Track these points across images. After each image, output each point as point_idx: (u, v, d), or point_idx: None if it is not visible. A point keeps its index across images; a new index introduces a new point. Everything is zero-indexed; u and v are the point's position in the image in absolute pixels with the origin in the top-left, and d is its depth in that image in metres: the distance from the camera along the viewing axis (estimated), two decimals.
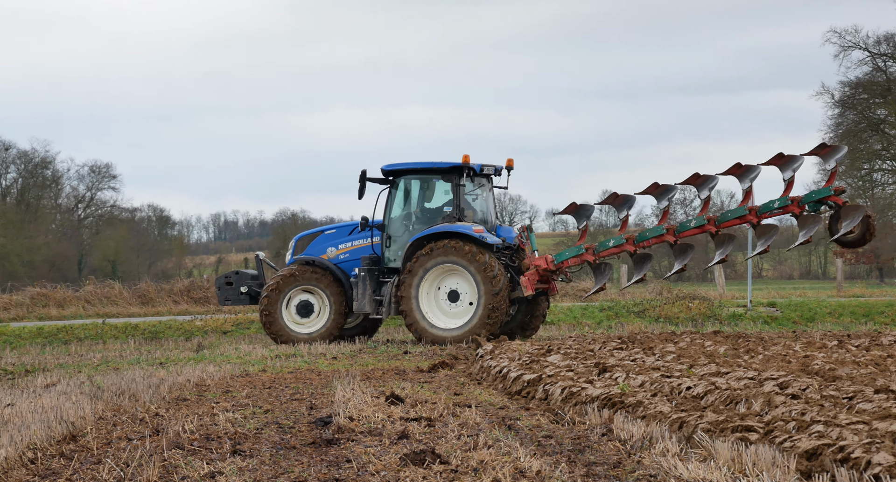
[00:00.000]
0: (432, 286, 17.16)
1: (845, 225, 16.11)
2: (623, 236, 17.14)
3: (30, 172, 56.36)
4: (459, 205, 17.42)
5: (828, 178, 16.74)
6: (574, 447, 7.04)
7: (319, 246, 18.16)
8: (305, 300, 17.77)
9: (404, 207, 17.82)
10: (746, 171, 16.51)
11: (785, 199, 16.44)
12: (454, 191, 17.47)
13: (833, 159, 16.52)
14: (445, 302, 17.21)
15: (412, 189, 17.79)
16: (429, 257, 17.00)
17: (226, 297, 18.56)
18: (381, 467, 6.37)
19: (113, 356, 16.50)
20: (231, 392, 10.60)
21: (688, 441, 6.86)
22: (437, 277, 17.17)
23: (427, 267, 17.02)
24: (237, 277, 18.57)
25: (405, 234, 17.68)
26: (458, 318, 17.14)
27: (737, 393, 8.06)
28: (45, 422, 7.94)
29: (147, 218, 64.37)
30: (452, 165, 17.37)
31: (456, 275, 17.16)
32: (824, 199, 16.33)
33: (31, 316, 26.56)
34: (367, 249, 17.85)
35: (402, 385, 10.79)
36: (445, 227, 17.15)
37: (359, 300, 17.38)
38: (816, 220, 16.57)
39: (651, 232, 16.98)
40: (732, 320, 21.43)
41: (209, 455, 6.92)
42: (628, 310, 22.77)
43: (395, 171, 17.57)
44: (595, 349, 13.20)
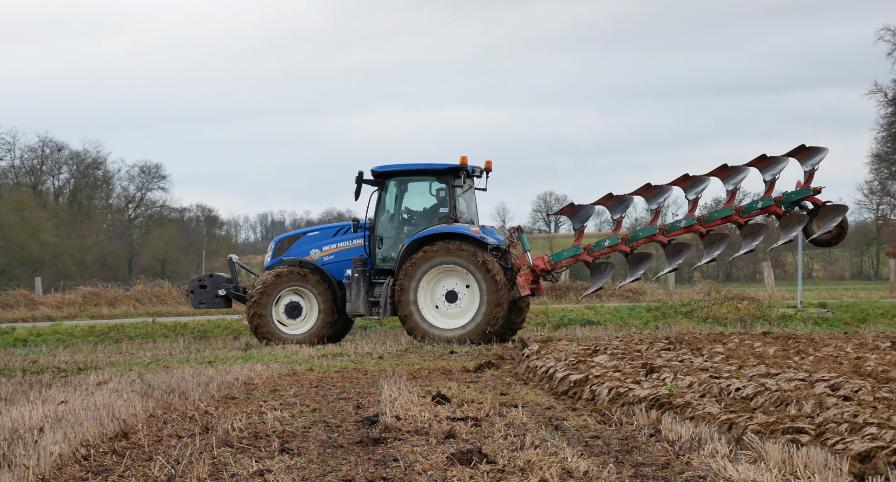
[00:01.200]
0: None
1: (823, 225, 16.79)
2: (618, 236, 17.58)
3: (82, 173, 57.22)
4: (455, 206, 17.49)
5: (806, 179, 17.14)
6: (622, 448, 7.00)
7: (302, 247, 18.11)
8: (294, 301, 17.71)
9: (396, 209, 17.85)
10: (732, 172, 17.10)
11: (767, 199, 17.06)
12: (450, 192, 17.55)
13: (810, 162, 17.01)
14: (443, 302, 17.29)
15: (404, 190, 17.84)
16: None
17: (200, 301, 18.40)
18: (428, 466, 6.38)
19: (163, 354, 16.71)
20: (279, 391, 10.67)
21: (737, 442, 6.80)
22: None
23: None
24: (211, 280, 18.42)
25: (398, 235, 17.73)
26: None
27: (787, 394, 7.97)
28: (97, 419, 8.05)
29: (196, 218, 65.09)
30: (449, 166, 17.45)
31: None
32: (804, 199, 16.99)
33: (84, 314, 26.98)
34: (352, 251, 17.82)
35: (448, 384, 10.80)
36: (443, 227, 17.23)
37: (352, 301, 17.36)
38: (801, 219, 16.90)
39: (643, 232, 17.47)
40: (782, 321, 21.17)
41: (258, 453, 6.98)
42: (676, 311, 22.59)
43: (385, 173, 17.61)
44: (642, 350, 13.12)
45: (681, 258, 17.37)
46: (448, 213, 17.46)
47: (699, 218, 17.33)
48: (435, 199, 17.75)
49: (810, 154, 17.05)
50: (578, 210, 17.75)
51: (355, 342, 17.75)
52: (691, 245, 17.66)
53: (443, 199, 17.64)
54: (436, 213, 17.66)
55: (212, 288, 18.36)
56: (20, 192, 52.12)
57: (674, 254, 17.45)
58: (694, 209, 17.43)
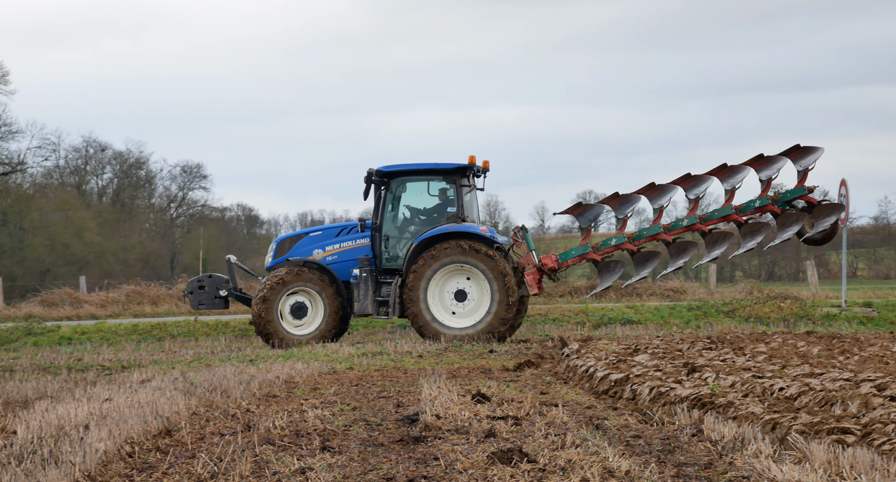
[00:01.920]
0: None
1: (818, 224, 17.16)
2: (624, 235, 17.83)
3: (125, 173, 57.87)
4: (463, 205, 17.50)
5: (800, 179, 17.49)
6: (664, 447, 6.95)
7: (304, 248, 18.04)
8: (300, 301, 17.63)
9: (402, 208, 17.85)
10: (731, 172, 17.43)
11: (764, 198, 17.47)
12: (457, 191, 17.54)
13: (804, 161, 17.32)
14: (452, 301, 17.33)
15: (411, 190, 17.84)
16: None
17: (199, 301, 18.30)
18: (469, 465, 6.38)
19: (205, 353, 16.85)
20: (319, 389, 10.72)
21: (781, 442, 6.73)
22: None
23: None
24: (210, 281, 18.33)
25: (405, 234, 17.72)
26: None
27: (832, 394, 7.87)
28: (141, 416, 8.14)
29: (236, 217, 65.59)
30: (457, 166, 17.46)
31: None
32: (798, 198, 17.43)
33: (127, 313, 27.27)
34: (356, 251, 17.78)
35: (487, 383, 10.79)
36: (453, 227, 17.26)
37: (360, 301, 17.35)
38: (800, 217, 17.18)
39: (648, 231, 17.79)
40: (826, 320, 20.92)
41: (299, 451, 7.02)
42: (717, 310, 22.40)
43: (391, 173, 17.60)
44: (683, 349, 13.02)
45: (686, 256, 17.67)
46: (456, 213, 17.49)
47: (700, 217, 17.71)
48: (441, 199, 17.76)
49: (805, 154, 17.41)
50: (586, 209, 18.01)
51: (395, 341, 17.79)
52: (697, 244, 17.84)
53: (449, 199, 17.66)
54: (442, 212, 17.68)
55: (211, 288, 18.29)
56: (65, 191, 52.84)
57: (678, 253, 17.75)
58: (695, 208, 17.82)
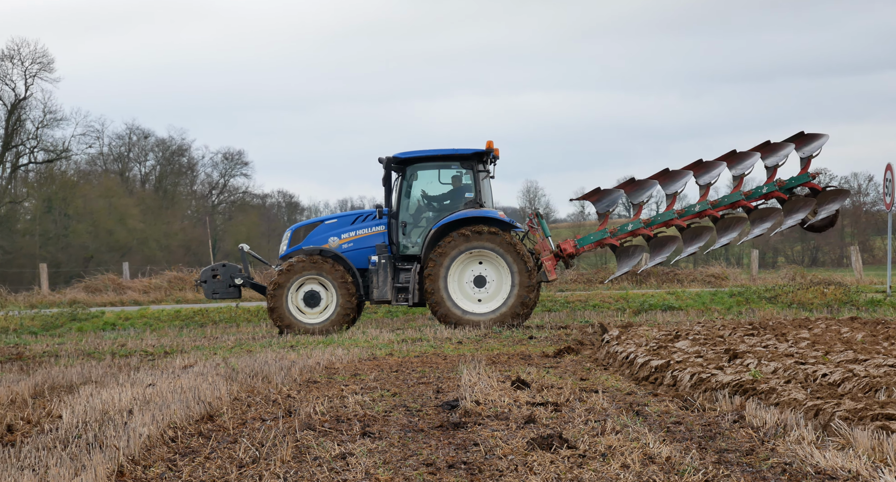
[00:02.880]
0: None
1: (822, 210, 17.34)
2: (640, 220, 17.97)
3: (167, 160, 58.42)
4: (480, 190, 17.44)
5: (803, 166, 17.67)
6: (704, 434, 6.91)
7: (320, 236, 17.98)
8: (312, 290, 17.58)
9: (419, 195, 17.81)
10: (741, 158, 17.59)
11: (771, 184, 17.70)
12: (475, 177, 17.50)
13: (808, 148, 17.49)
14: (471, 287, 17.30)
15: (427, 177, 17.78)
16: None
17: (213, 291, 18.30)
18: (509, 451, 6.38)
19: (246, 339, 16.99)
20: (359, 375, 10.78)
21: (824, 429, 6.66)
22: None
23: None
24: (224, 270, 18.32)
25: (423, 221, 17.68)
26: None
27: (876, 380, 7.78)
28: (183, 402, 8.23)
29: (277, 204, 66.01)
30: (474, 151, 17.39)
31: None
32: (802, 185, 17.65)
33: (169, 299, 27.57)
34: (373, 238, 17.71)
35: (527, 370, 10.78)
36: (472, 212, 17.22)
37: (379, 288, 17.30)
38: (807, 203, 17.20)
39: (662, 216, 17.98)
40: (870, 306, 20.67)
41: (339, 436, 7.06)
42: (759, 296, 22.21)
43: (408, 160, 17.53)
44: (725, 335, 12.93)
45: (701, 241, 17.79)
46: (474, 198, 17.46)
47: (712, 202, 17.88)
48: (457, 185, 17.72)
49: (809, 141, 17.55)
50: (603, 195, 18.04)
51: (435, 327, 17.82)
52: (711, 228, 17.87)
53: (467, 185, 17.61)
54: (459, 198, 17.64)
55: (224, 277, 18.31)
56: (108, 178, 53.45)
57: (692, 238, 17.87)
58: (706, 194, 17.96)
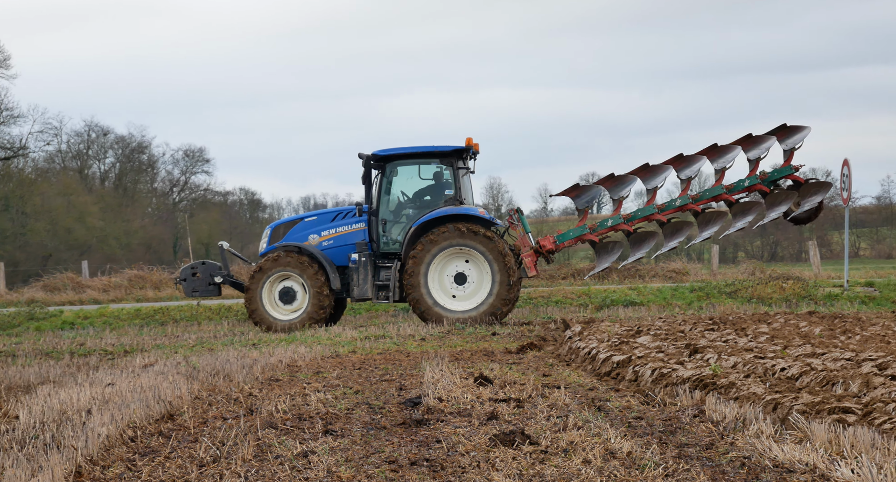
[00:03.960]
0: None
1: (805, 203, 17.52)
2: (620, 216, 17.99)
3: (127, 157, 57.85)
4: (460, 188, 17.47)
5: (786, 158, 17.78)
6: (665, 428, 6.96)
7: (299, 233, 17.96)
8: (288, 287, 17.55)
9: (399, 192, 17.82)
10: (722, 152, 17.66)
11: (753, 177, 17.77)
12: (454, 174, 17.52)
13: (791, 140, 17.59)
14: (451, 284, 17.32)
15: (407, 174, 17.79)
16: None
17: (193, 289, 18.26)
18: (471, 447, 6.39)
19: (207, 337, 16.88)
20: (322, 373, 10.74)
21: (782, 423, 6.73)
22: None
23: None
24: (204, 268, 18.27)
25: (403, 218, 17.69)
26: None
27: (833, 374, 7.88)
28: (143, 401, 8.15)
29: (239, 201, 65.57)
30: (454, 148, 17.42)
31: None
32: (785, 177, 17.76)
33: (129, 297, 27.32)
34: (353, 235, 17.70)
35: (490, 366, 10.80)
36: (453, 209, 17.24)
37: (360, 286, 17.31)
38: (790, 196, 17.42)
39: (642, 211, 17.98)
40: (828, 300, 20.93)
41: (301, 434, 7.03)
42: (720, 291, 22.41)
43: (388, 157, 17.52)
44: (686, 330, 13.03)
45: (681, 236, 17.85)
46: (454, 196, 17.47)
47: (693, 196, 17.94)
48: (438, 182, 17.73)
49: (791, 133, 17.66)
50: (582, 191, 18.07)
51: (397, 324, 17.81)
52: (692, 223, 17.98)
53: (446, 182, 17.62)
54: (439, 195, 17.65)
55: (204, 275, 18.24)
56: (67, 176, 52.82)
57: (673, 233, 17.92)
58: (687, 188, 18.00)
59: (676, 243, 17.77)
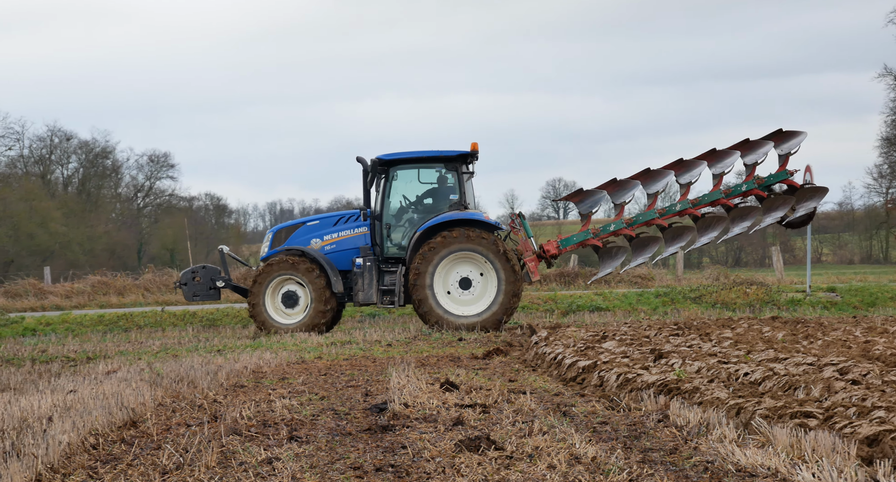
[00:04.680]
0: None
1: (800, 207, 17.63)
2: (622, 220, 18.08)
3: (90, 162, 57.33)
4: (464, 192, 17.48)
5: (781, 163, 17.96)
6: (630, 433, 7.00)
7: (302, 237, 17.89)
8: (291, 290, 17.52)
9: (403, 196, 17.80)
10: (720, 156, 17.79)
11: (750, 182, 17.92)
12: (459, 179, 17.52)
13: (787, 145, 17.74)
14: (457, 289, 17.28)
15: (411, 178, 17.77)
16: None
17: (194, 293, 18.12)
18: (437, 453, 6.39)
19: (172, 343, 16.74)
20: (287, 379, 10.69)
21: (745, 427, 6.79)
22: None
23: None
24: (204, 272, 18.15)
25: (407, 223, 17.66)
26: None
27: (795, 379, 7.95)
28: (106, 408, 8.07)
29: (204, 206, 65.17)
30: (459, 153, 17.41)
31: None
32: (780, 182, 17.90)
33: (93, 304, 27.05)
34: (355, 240, 17.66)
35: (456, 372, 10.80)
36: (459, 214, 17.23)
37: (364, 291, 17.27)
38: (786, 201, 17.59)
39: (644, 216, 18.10)
40: (791, 306, 21.14)
41: (266, 441, 6.99)
42: (684, 296, 22.56)
43: (392, 161, 17.50)
44: (651, 335, 13.11)
45: (682, 241, 17.94)
46: (459, 200, 17.45)
47: (693, 201, 18.02)
48: (441, 186, 17.71)
49: (787, 138, 17.77)
50: (587, 196, 17.99)
51: (364, 330, 17.76)
52: (693, 228, 18.03)
53: (450, 186, 17.60)
54: (443, 199, 17.61)
55: (205, 279, 18.11)
56: (29, 181, 52.24)
57: (673, 238, 18.01)
58: (686, 193, 18.13)
59: (678, 248, 17.89)
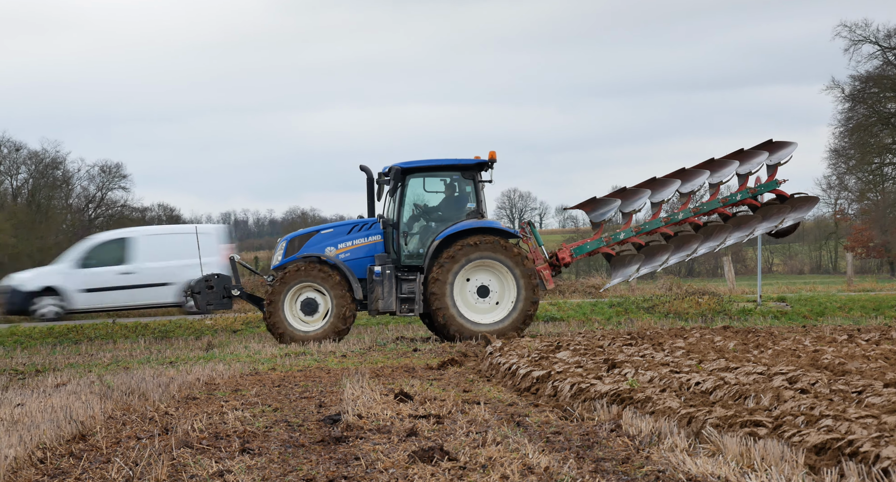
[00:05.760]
0: (461, 282, 17.17)
1: (790, 217, 17.97)
2: (632, 229, 18.29)
3: (40, 173, 56.55)
4: (482, 201, 17.50)
5: (770, 173, 18.29)
6: (583, 443, 7.03)
7: (316, 245, 17.71)
8: (311, 298, 17.41)
9: (420, 204, 17.75)
10: (719, 166, 18.10)
11: (745, 192, 18.25)
12: (476, 187, 17.54)
13: (777, 155, 18.06)
14: (474, 297, 17.22)
15: (428, 186, 17.74)
16: (466, 252, 17.03)
17: (208, 302, 17.86)
18: (390, 464, 6.37)
19: (123, 355, 16.54)
20: (240, 390, 10.61)
21: (696, 436, 6.85)
22: (467, 273, 17.17)
23: (463, 262, 17.04)
24: (218, 281, 17.91)
25: (424, 231, 17.60)
26: (488, 314, 17.21)
27: (746, 388, 8.04)
28: (54, 421, 7.96)
29: (158, 217, 64.54)
30: (478, 161, 17.40)
31: (485, 270, 17.22)
32: (770, 191, 18.16)
33: None
34: (369, 248, 17.57)
35: (411, 382, 10.79)
36: (475, 222, 17.21)
37: (384, 299, 17.15)
38: (782, 210, 17.97)
39: (650, 224, 18.33)
40: (742, 315, 21.38)
41: (218, 453, 6.93)
42: (638, 306, 22.73)
43: (409, 169, 17.46)
44: (604, 345, 13.18)
45: (689, 249, 18.17)
46: (476, 209, 17.47)
47: (694, 210, 18.30)
48: (459, 195, 17.66)
49: (778, 148, 18.08)
50: (598, 205, 18.21)
51: (319, 341, 17.66)
52: (699, 237, 18.26)
53: (468, 194, 17.58)
54: (461, 208, 17.59)
55: (219, 288, 17.83)
56: None
57: (679, 246, 18.23)
58: (688, 202, 18.37)
59: (685, 256, 18.12)
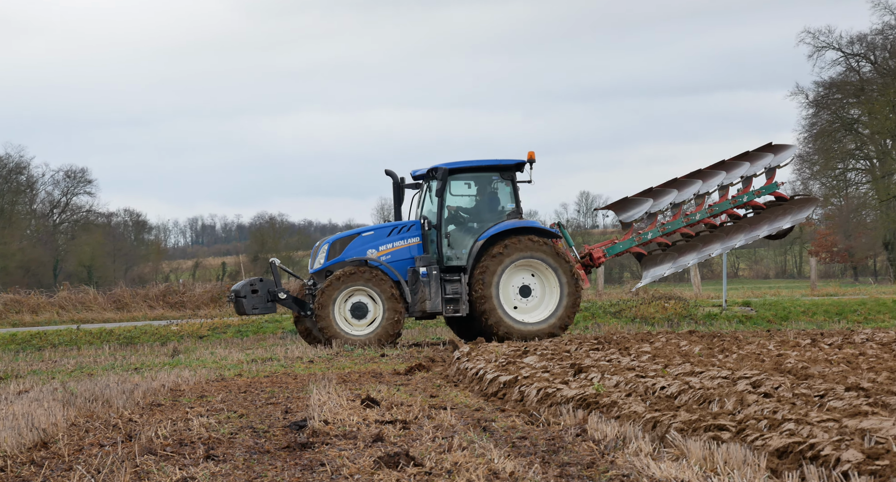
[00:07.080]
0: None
1: (790, 219, 18.42)
2: (658, 229, 18.75)
3: (3, 178, 55.96)
4: (520, 201, 17.58)
5: (769, 176, 18.68)
6: (548, 448, 7.05)
7: (358, 248, 17.68)
8: (360, 302, 17.35)
9: (460, 205, 17.79)
10: (730, 167, 18.48)
11: (750, 193, 18.60)
12: (514, 187, 17.64)
13: (776, 159, 18.45)
14: (517, 297, 17.28)
15: (469, 187, 17.80)
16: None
17: (253, 306, 17.78)
18: (355, 470, 6.36)
19: (87, 362, 16.39)
20: (206, 397, 10.54)
21: (661, 440, 6.89)
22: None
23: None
24: (262, 285, 17.89)
25: (465, 231, 17.62)
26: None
27: (710, 392, 8.09)
28: (15, 429, 7.87)
29: (123, 223, 64.09)
30: (518, 162, 17.53)
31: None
32: (771, 194, 18.54)
33: (5, 322, 26.35)
34: (409, 250, 17.54)
35: (378, 388, 10.77)
36: (516, 223, 17.32)
37: (431, 300, 17.13)
38: (787, 211, 18.18)
39: (672, 225, 18.73)
40: (708, 320, 21.53)
41: (182, 460, 6.88)
42: (605, 311, 22.84)
43: (450, 171, 17.43)
44: (571, 350, 13.23)
45: (710, 250, 18.54)
46: (515, 209, 17.53)
47: (709, 210, 18.66)
48: (499, 195, 17.70)
49: (778, 151, 18.50)
50: (630, 205, 18.54)
51: (286, 346, 17.60)
52: (720, 236, 18.66)
53: (508, 195, 17.62)
54: (500, 208, 17.62)
55: (263, 292, 17.74)
56: None
57: (700, 246, 18.61)
58: (703, 203, 18.72)
59: (706, 256, 18.49)
